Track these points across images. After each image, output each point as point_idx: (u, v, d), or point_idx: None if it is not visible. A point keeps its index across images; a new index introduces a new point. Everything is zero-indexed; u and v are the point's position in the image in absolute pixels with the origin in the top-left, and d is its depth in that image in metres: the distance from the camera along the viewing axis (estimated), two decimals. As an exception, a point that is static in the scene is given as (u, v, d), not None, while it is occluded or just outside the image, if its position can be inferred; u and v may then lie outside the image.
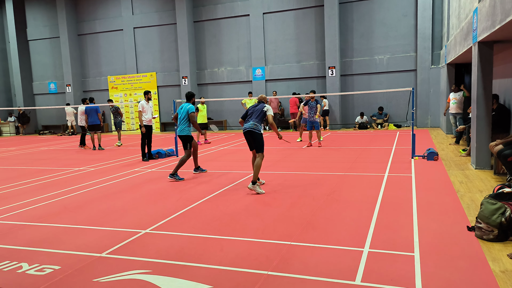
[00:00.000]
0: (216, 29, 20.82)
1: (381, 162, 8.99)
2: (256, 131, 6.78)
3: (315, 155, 10.56)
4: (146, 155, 10.92)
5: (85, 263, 3.97)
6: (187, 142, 8.20)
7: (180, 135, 8.23)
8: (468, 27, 8.78)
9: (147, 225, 5.13)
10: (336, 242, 4.27)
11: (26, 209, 6.19)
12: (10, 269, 3.92)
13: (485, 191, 6.11)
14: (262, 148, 6.82)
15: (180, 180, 7.95)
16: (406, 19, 17.78)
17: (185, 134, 8.19)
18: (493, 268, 3.51)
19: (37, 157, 12.89)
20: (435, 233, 4.38)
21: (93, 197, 6.84)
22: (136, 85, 22.55)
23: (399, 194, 6.13)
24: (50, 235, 4.90)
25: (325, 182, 7.22)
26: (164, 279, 3.54)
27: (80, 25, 23.54)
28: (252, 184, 6.59)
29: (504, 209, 4.14)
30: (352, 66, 18.67)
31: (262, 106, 6.92)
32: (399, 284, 3.28)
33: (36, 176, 9.17)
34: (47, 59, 24.81)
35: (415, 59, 17.72)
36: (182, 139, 8.24)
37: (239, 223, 5.07)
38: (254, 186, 6.57)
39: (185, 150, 8.23)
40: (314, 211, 5.43)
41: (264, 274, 3.56)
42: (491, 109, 8.15)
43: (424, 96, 17.46)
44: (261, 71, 20.04)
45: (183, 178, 8.06)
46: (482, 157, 7.93)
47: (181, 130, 8.21)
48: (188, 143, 8.20)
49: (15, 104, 25.93)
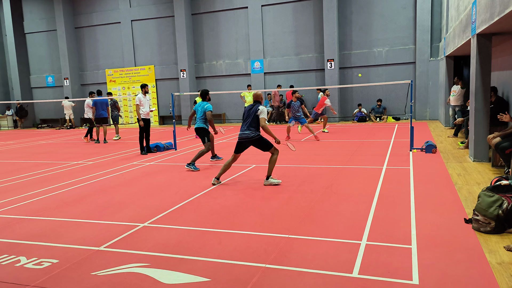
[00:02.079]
0: (214, 21, 20.70)
1: (380, 155, 9.00)
2: (255, 138, 6.60)
3: (313, 149, 10.56)
4: (145, 148, 10.90)
5: (84, 257, 3.98)
6: (205, 136, 8.41)
7: (197, 127, 8.48)
8: (467, 19, 8.74)
9: (146, 218, 5.13)
10: (334, 235, 4.28)
11: (24, 203, 6.19)
12: (8, 263, 3.92)
13: (483, 184, 6.12)
14: (270, 145, 6.64)
15: (196, 170, 8.12)
16: (405, 11, 17.70)
17: (201, 126, 8.44)
18: (490, 260, 3.53)
19: (35, 151, 12.87)
20: (432, 226, 4.40)
21: (91, 191, 6.84)
22: (134, 78, 22.46)
23: (397, 187, 6.15)
24: (48, 229, 4.90)
25: (323, 175, 7.23)
26: (163, 272, 3.55)
27: (77, 18, 23.38)
28: (266, 180, 6.62)
29: (501, 202, 4.15)
30: (350, 58, 18.61)
31: (256, 109, 6.59)
32: (396, 276, 3.29)
33: (34, 170, 9.16)
34: (44, 52, 24.67)
35: (414, 52, 17.66)
36: (199, 132, 8.46)
37: (237, 217, 5.08)
38: (269, 180, 6.61)
39: (204, 144, 8.43)
40: (312, 204, 5.44)
41: (262, 267, 3.58)
42: (490, 101, 8.14)
43: (422, 88, 17.44)
44: (260, 64, 19.97)
45: (199, 169, 8.23)
46: (480, 150, 7.94)
47: (198, 123, 8.51)
48: (206, 136, 8.41)
49: (12, 97, 25.83)
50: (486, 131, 7.90)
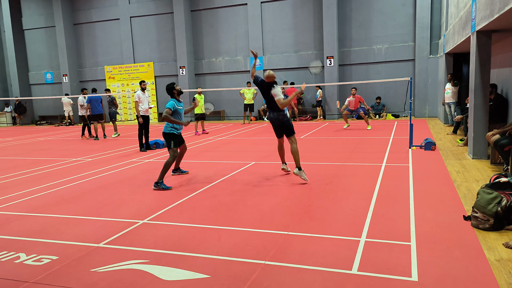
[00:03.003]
0: (213, 18, 20.64)
1: (379, 152, 9.01)
2: (284, 120, 6.75)
3: (313, 145, 10.56)
4: (144, 145, 10.90)
5: (83, 253, 3.98)
6: (170, 141, 6.79)
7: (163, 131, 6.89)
8: (467, 16, 8.73)
9: (145, 215, 5.13)
10: (333, 231, 4.28)
11: (23, 200, 6.19)
12: (8, 260, 3.92)
13: (482, 181, 6.13)
14: (292, 131, 6.75)
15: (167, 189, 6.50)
16: (404, 8, 17.67)
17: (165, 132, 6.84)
18: (489, 257, 3.54)
19: (34, 147, 12.85)
20: (431, 223, 4.40)
21: (91, 188, 6.84)
22: (133, 75, 22.41)
23: (396, 184, 6.15)
24: (47, 226, 4.90)
25: (322, 172, 7.23)
26: (162, 269, 3.56)
27: (75, 14, 23.30)
28: (298, 170, 6.53)
29: (500, 199, 4.16)
30: (350, 56, 18.58)
31: (271, 92, 6.60)
32: (395, 273, 3.30)
33: (33, 166, 9.15)
34: (43, 49, 24.59)
35: (413, 49, 17.64)
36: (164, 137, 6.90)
37: (237, 213, 5.08)
38: (300, 172, 6.51)
39: (169, 150, 6.83)
40: (311, 201, 5.44)
41: (262, 263, 3.58)
42: (489, 99, 8.15)
43: (422, 86, 17.43)
44: (259, 61, 19.93)
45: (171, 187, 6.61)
46: (479, 147, 7.95)
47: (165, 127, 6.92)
48: (172, 141, 6.79)
49: (11, 94, 25.77)
50: (485, 128, 7.90)
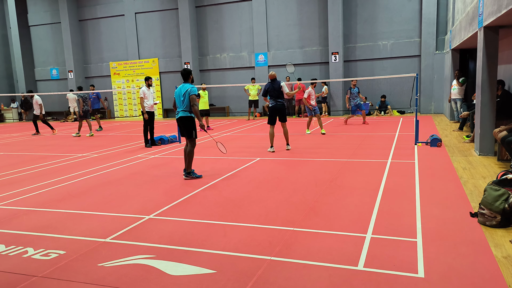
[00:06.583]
0: (218, 14, 20.60)
1: (384, 149, 8.98)
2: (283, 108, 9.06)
3: (318, 142, 10.54)
4: (149, 141, 10.93)
5: (90, 248, 4.01)
6: (193, 128, 6.80)
7: (182, 116, 6.78)
8: (474, 11, 8.65)
9: (151, 211, 5.16)
10: (339, 228, 4.28)
11: (30, 195, 6.24)
12: (16, 254, 3.96)
13: (489, 178, 6.10)
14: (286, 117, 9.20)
15: (198, 177, 6.86)
16: (410, 4, 17.53)
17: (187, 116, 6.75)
18: (496, 254, 3.53)
19: (40, 143, 12.92)
20: (437, 219, 4.39)
21: (97, 183, 6.88)
22: (138, 71, 22.44)
23: (402, 181, 6.13)
24: (54, 221, 4.94)
25: (327, 168, 7.22)
26: (168, 264, 3.58)
27: (81, 10, 23.34)
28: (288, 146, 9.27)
29: (507, 196, 4.13)
30: (355, 51, 18.49)
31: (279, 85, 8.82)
32: (401, 269, 3.29)
33: (39, 162, 9.21)
34: (48, 45, 24.67)
35: (419, 45, 17.52)
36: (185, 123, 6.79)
37: (242, 209, 5.09)
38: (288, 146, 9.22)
39: (191, 141, 6.82)
40: (317, 197, 5.44)
41: (267, 259, 3.59)
42: (496, 95, 8.08)
43: (428, 82, 17.32)
44: (264, 57, 19.89)
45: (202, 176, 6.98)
46: (485, 144, 7.90)
47: (182, 112, 6.81)
48: (194, 129, 6.81)
49: (17, 90, 25.89)
50: (492, 124, 7.85)
